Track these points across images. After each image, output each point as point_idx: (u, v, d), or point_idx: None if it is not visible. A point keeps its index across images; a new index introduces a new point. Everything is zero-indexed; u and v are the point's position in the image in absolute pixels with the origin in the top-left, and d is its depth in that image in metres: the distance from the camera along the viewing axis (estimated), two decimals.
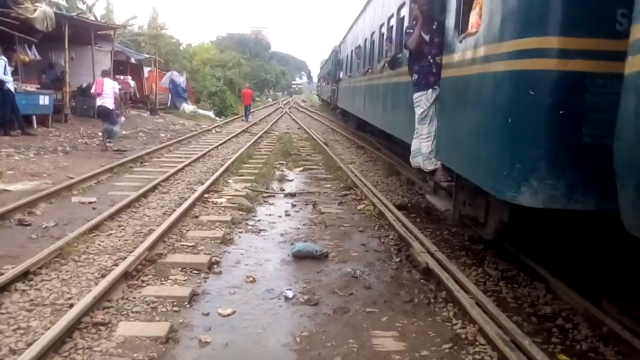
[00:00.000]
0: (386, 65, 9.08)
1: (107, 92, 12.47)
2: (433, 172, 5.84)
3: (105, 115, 12.56)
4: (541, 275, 4.59)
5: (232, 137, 17.03)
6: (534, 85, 3.42)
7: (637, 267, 4.04)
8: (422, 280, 4.70)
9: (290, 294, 4.34)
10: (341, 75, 20.28)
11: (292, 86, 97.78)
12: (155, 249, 5.10)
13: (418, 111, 5.77)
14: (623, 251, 4.05)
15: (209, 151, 13.05)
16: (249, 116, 26.11)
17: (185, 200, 7.16)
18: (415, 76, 5.88)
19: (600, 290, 4.10)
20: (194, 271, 4.74)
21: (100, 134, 13.63)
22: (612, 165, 2.76)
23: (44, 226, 5.91)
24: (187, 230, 5.97)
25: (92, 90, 13.29)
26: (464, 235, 6.09)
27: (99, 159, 11.07)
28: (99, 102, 12.62)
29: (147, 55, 25.87)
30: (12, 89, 12.90)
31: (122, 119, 13.44)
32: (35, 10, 14.07)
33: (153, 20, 30.62)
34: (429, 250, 5.15)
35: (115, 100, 12.80)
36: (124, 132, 16.24)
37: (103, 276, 4.33)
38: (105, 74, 13.70)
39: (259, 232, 6.24)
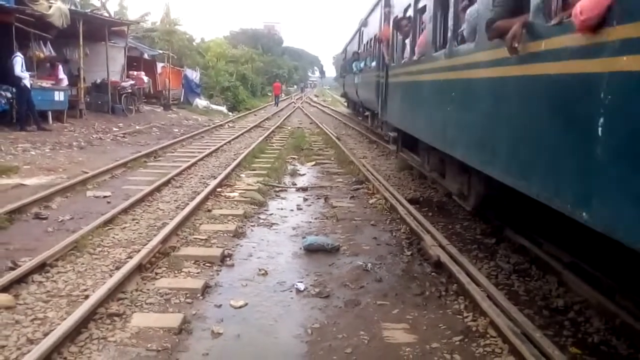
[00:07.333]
0: None
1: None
2: None
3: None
4: (554, 268, 4.56)
5: (245, 132, 17.09)
6: None
7: None
8: (433, 274, 4.70)
9: (301, 286, 4.37)
10: None
11: (309, 81, 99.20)
12: (168, 242, 5.16)
13: None
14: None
15: (222, 146, 13.12)
16: (279, 102, 36.84)
17: (199, 194, 7.21)
18: None
19: (615, 284, 4.05)
20: (206, 264, 4.78)
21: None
22: None
23: (59, 220, 6.01)
24: (200, 224, 6.03)
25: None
26: (476, 229, 6.07)
27: (113, 153, 11.19)
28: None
29: (161, 51, 26.03)
30: (28, 85, 13.11)
31: None
32: (50, 7, 14.24)
33: (166, 15, 30.79)
34: (440, 243, 5.14)
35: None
36: (137, 127, 16.45)
37: (117, 268, 4.39)
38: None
39: (271, 226, 6.28)
